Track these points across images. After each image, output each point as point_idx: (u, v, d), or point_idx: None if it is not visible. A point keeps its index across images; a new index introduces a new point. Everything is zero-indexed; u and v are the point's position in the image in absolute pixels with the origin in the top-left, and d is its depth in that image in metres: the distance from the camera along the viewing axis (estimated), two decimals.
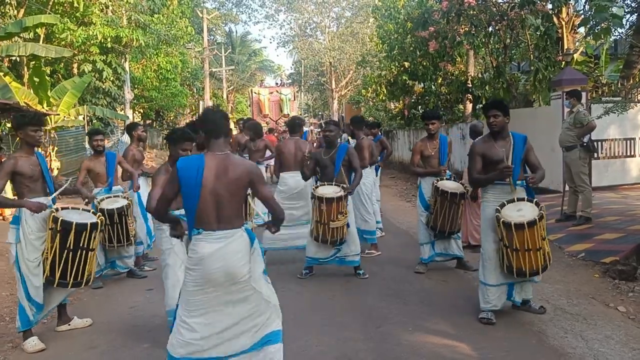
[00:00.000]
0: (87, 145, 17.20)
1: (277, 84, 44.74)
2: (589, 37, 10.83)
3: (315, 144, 13.31)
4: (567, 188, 9.03)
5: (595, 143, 11.66)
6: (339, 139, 7.22)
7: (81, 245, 4.92)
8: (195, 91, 37.87)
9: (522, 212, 4.99)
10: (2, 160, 8.30)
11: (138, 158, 7.83)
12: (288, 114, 34.24)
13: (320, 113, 50.66)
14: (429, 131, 6.98)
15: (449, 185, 6.68)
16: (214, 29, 46.46)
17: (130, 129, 8.20)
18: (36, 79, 15.64)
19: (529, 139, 5.28)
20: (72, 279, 4.93)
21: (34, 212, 4.81)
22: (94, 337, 5.16)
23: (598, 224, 8.35)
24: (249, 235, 3.61)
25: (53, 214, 4.88)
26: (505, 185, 5.15)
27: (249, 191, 3.73)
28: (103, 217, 5.47)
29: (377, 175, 11.18)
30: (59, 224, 4.83)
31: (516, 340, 4.77)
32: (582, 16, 11.80)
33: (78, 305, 6.16)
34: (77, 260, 4.92)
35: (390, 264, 7.50)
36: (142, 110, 28.75)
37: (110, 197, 6.78)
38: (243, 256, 3.53)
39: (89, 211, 5.37)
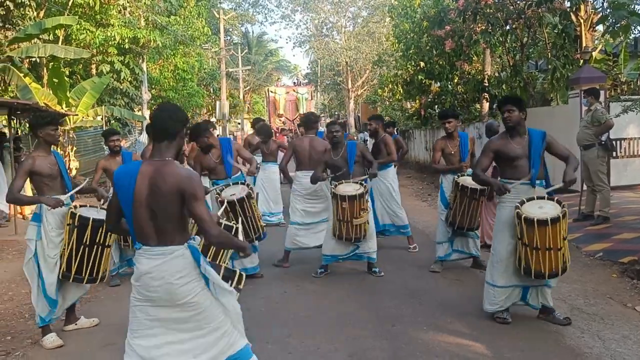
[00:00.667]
0: (105, 146, 17.37)
1: (294, 83, 44.22)
2: (607, 35, 10.66)
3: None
4: (585, 187, 8.94)
5: (614, 142, 11.55)
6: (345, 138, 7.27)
7: (97, 241, 4.99)
8: (212, 91, 38.03)
9: (543, 209, 4.82)
10: (21, 159, 8.42)
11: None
12: (304, 114, 33.79)
13: (336, 113, 50.59)
14: (446, 130, 7.01)
15: (470, 181, 6.60)
16: (231, 30, 46.64)
17: (149, 128, 8.21)
18: (55, 80, 15.81)
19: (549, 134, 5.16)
20: (87, 275, 5.00)
21: (51, 208, 4.89)
22: (111, 334, 5.21)
23: (616, 223, 8.26)
24: (193, 253, 3.18)
25: (71, 210, 4.97)
26: (524, 185, 5.02)
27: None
28: None
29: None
30: (76, 219, 4.92)
31: (532, 340, 4.73)
32: (601, 14, 11.65)
33: (95, 303, 6.24)
34: (92, 256, 4.99)
35: (405, 263, 7.49)
36: None
37: None
38: (184, 276, 3.12)
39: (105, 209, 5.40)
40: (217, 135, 14.79)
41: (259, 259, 6.94)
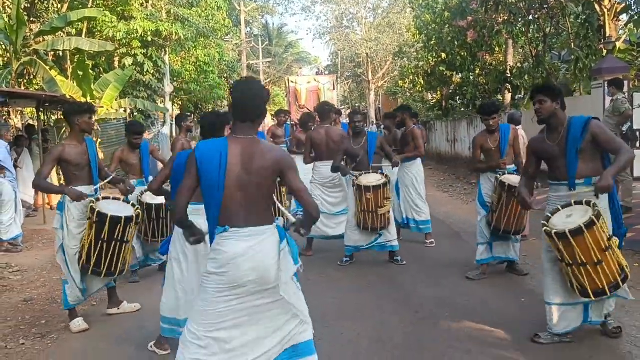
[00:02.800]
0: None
1: (316, 72, 42.93)
2: (630, 25, 10.60)
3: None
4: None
5: (637, 132, 11.48)
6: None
7: (115, 237, 4.95)
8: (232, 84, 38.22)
9: (571, 217, 4.11)
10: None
11: (186, 149, 7.99)
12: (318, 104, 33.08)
13: (357, 105, 50.53)
14: (489, 127, 6.23)
15: (515, 179, 5.84)
16: (251, 21, 46.79)
17: (179, 120, 8.24)
18: (80, 73, 16.08)
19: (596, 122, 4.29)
20: (105, 269, 5.02)
21: (73, 200, 4.92)
22: (142, 320, 5.36)
23: (639, 213, 8.23)
24: (280, 233, 3.12)
25: (91, 204, 4.93)
26: (563, 186, 4.33)
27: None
28: (141, 211, 5.44)
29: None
30: (95, 214, 4.88)
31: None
32: (624, 3, 11.56)
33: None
34: (111, 251, 4.97)
35: (428, 253, 7.58)
36: (180, 103, 29.21)
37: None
38: (275, 256, 3.05)
39: (129, 202, 5.33)
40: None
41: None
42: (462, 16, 15.09)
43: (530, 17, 13.78)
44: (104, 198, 5.20)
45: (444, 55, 18.86)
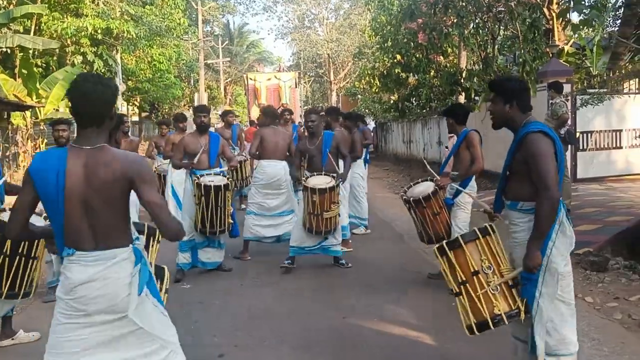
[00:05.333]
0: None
1: (277, 69, 40.53)
2: (569, 28, 10.82)
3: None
4: None
5: (582, 135, 11.69)
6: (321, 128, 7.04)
7: (20, 251, 4.34)
8: (192, 83, 37.75)
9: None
10: None
11: (134, 148, 7.71)
12: (287, 104, 31.94)
13: (319, 105, 50.51)
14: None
15: (418, 190, 5.87)
16: (212, 21, 46.34)
17: (119, 121, 7.94)
18: (24, 71, 15.61)
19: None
20: (6, 289, 4.35)
21: None
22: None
23: (577, 215, 8.32)
24: (136, 255, 2.73)
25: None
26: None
27: None
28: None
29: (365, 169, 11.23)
30: None
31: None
32: (566, 6, 11.76)
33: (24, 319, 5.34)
34: (14, 268, 4.34)
35: (368, 256, 7.50)
36: (137, 103, 28.70)
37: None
38: (126, 283, 2.66)
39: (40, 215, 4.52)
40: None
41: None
42: (411, 18, 15.12)
43: (478, 20, 13.88)
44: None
45: (399, 56, 18.88)
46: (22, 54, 15.92)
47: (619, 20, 13.37)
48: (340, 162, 7.11)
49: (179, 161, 6.64)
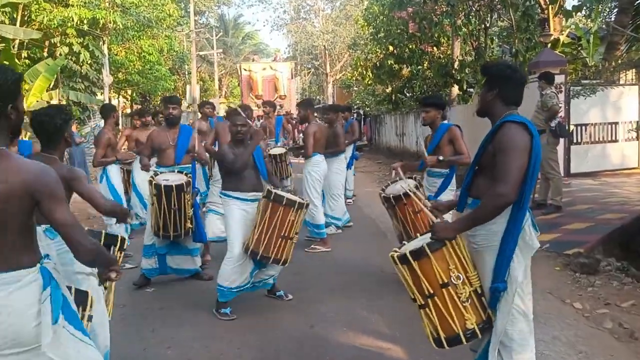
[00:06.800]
0: None
1: (273, 59, 38.66)
2: (562, 19, 10.44)
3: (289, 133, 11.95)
4: (538, 175, 8.64)
5: (576, 127, 11.31)
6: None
7: None
8: (185, 75, 37.21)
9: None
10: None
11: (112, 143, 7.36)
12: (285, 95, 31.05)
13: (316, 98, 50.04)
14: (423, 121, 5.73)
15: (396, 188, 5.45)
16: (207, 12, 45.79)
17: (106, 111, 7.47)
18: (5, 62, 15.15)
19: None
20: None
21: None
22: None
23: (568, 212, 7.97)
24: (44, 277, 2.35)
25: None
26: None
27: None
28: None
29: (352, 164, 10.88)
30: None
31: None
32: None
33: None
34: None
35: (346, 256, 7.11)
36: (127, 95, 28.25)
37: None
38: (33, 310, 2.29)
39: None
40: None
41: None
42: (401, 7, 14.69)
43: (470, 8, 13.44)
44: None
45: (391, 48, 18.48)
46: (3, 44, 15.44)
47: (616, 10, 12.93)
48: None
49: (146, 159, 6.16)
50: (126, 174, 8.55)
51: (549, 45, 12.31)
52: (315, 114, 8.39)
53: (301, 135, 9.97)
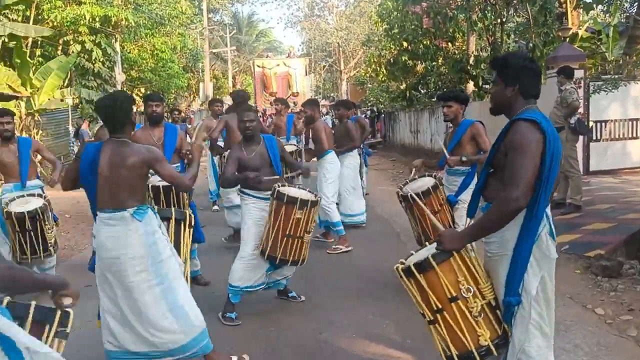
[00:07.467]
0: (70, 129, 16.76)
1: (287, 55, 37.56)
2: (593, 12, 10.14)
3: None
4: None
5: (596, 124, 10.98)
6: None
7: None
8: (199, 73, 37.14)
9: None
10: None
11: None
12: (297, 93, 30.51)
13: (329, 95, 49.77)
14: (444, 117, 5.51)
15: (416, 185, 5.22)
16: (220, 10, 45.78)
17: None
18: (17, 60, 15.14)
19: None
20: None
21: None
22: None
23: (588, 212, 7.69)
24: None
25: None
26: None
27: None
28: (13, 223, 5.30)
29: (365, 161, 10.69)
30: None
31: None
32: None
33: None
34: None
35: (358, 256, 6.90)
36: (140, 93, 28.25)
37: (23, 195, 5.61)
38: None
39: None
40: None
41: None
42: (415, 2, 14.41)
43: (486, 3, 13.13)
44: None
45: (405, 44, 18.21)
46: (14, 42, 15.42)
47: (637, 2, 12.54)
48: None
49: None
50: None
51: (567, 39, 11.99)
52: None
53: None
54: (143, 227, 3.58)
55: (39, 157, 6.27)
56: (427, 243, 3.21)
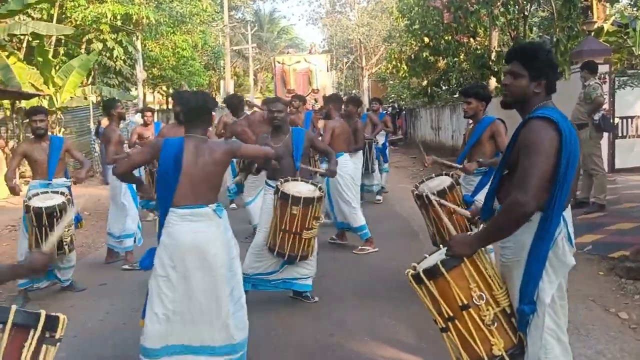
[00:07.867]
0: (92, 127, 16.88)
1: (308, 52, 37.20)
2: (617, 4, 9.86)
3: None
4: (581, 171, 8.14)
5: (621, 120, 10.70)
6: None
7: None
8: (220, 70, 37.19)
9: None
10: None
11: (122, 139, 7.06)
12: (318, 89, 30.16)
13: (352, 91, 49.56)
14: (464, 113, 5.33)
15: (433, 184, 5.10)
16: (242, 7, 45.85)
17: (109, 107, 7.06)
18: (40, 59, 15.26)
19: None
20: None
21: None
22: None
23: (613, 211, 7.47)
24: None
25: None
26: None
27: None
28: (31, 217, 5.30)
29: (385, 157, 10.62)
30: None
31: None
32: None
33: None
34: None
35: (373, 259, 6.77)
36: (162, 92, 28.41)
37: (47, 192, 5.56)
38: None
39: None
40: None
41: None
42: None
43: None
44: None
45: (427, 39, 17.98)
46: (37, 41, 15.56)
47: None
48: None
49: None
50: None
51: (592, 34, 11.71)
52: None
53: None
54: (223, 223, 3.66)
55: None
56: (441, 245, 3.10)
